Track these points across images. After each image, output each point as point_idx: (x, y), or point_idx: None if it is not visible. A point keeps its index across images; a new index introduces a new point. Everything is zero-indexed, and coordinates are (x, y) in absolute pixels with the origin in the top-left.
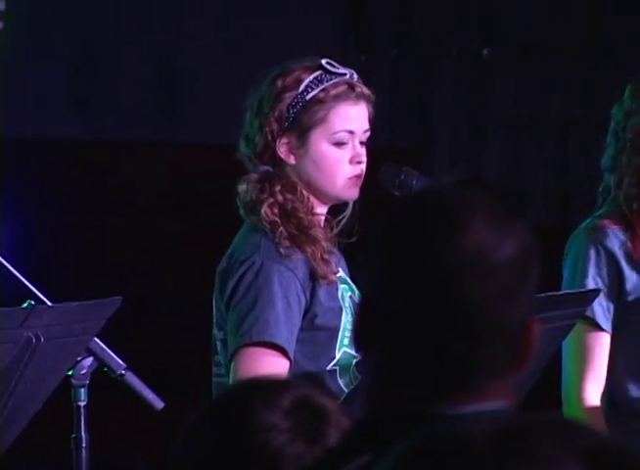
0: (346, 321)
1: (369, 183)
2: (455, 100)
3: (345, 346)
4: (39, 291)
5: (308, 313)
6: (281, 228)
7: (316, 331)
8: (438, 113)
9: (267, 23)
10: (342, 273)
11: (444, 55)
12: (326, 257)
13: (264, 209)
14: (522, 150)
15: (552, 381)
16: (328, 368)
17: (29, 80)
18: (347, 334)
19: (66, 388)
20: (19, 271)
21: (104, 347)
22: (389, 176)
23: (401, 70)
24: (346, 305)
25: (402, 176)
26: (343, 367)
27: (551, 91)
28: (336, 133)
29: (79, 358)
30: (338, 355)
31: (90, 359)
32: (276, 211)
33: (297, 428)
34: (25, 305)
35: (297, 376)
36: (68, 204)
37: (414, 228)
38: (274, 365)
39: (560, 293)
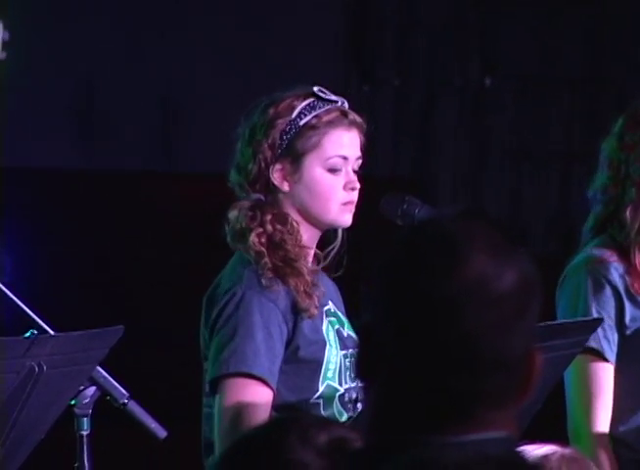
0: (330, 355)
1: (366, 213)
2: (457, 130)
3: (329, 379)
4: (42, 320)
5: (291, 345)
6: (266, 259)
7: (299, 364)
8: (441, 143)
9: (269, 55)
10: (331, 306)
11: (447, 85)
12: (309, 290)
13: (252, 237)
14: (524, 180)
15: (554, 410)
16: (311, 401)
17: (31, 109)
18: (331, 367)
19: (68, 417)
20: (21, 300)
21: (107, 376)
22: (392, 206)
23: (404, 101)
24: (331, 338)
25: (405, 206)
26: (327, 400)
27: (553, 122)
28: (329, 159)
29: (82, 388)
30: (321, 388)
31: (93, 389)
32: (264, 240)
33: (329, 469)
34: (28, 334)
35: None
36: (70, 233)
37: (414, 259)
38: (256, 395)
39: (562, 321)
